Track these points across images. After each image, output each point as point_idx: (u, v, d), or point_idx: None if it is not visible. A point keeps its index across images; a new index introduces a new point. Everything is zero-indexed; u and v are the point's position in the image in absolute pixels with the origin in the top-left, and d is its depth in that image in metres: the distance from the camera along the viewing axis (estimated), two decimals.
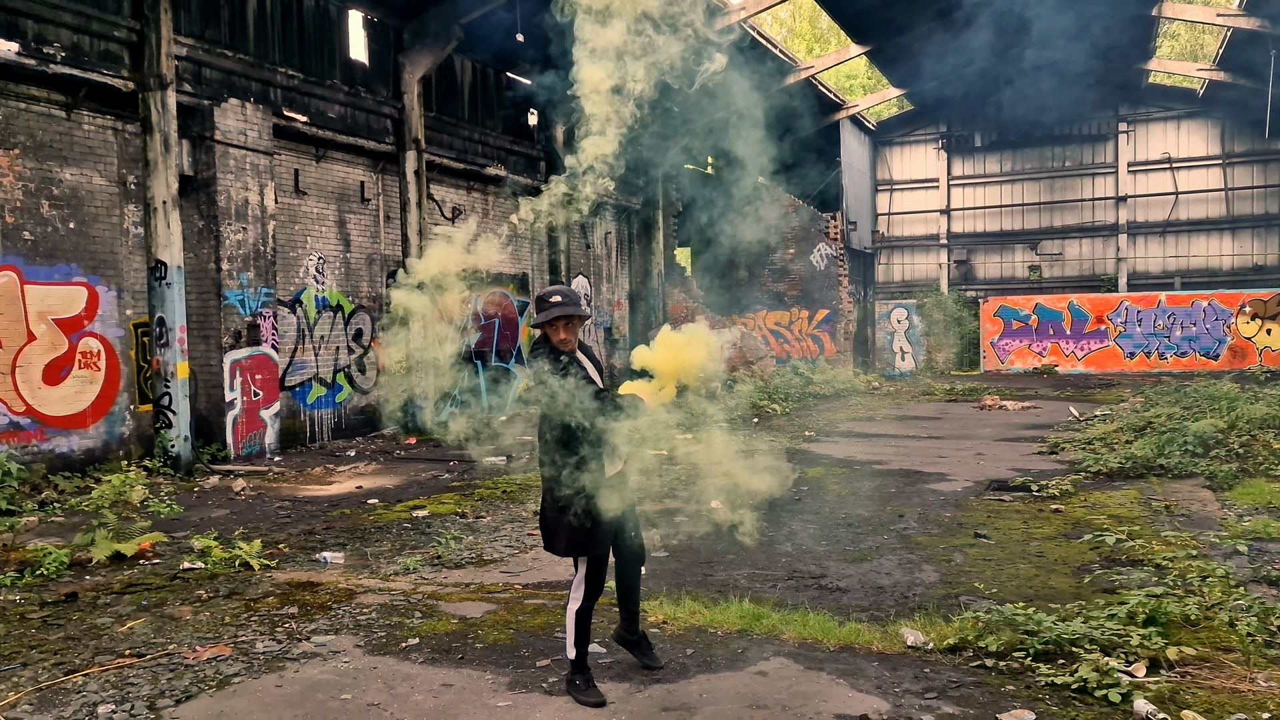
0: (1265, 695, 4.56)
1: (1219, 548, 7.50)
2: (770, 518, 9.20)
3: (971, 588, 6.70)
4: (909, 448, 14.13)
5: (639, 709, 4.67)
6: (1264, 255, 28.37)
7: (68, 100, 11.86)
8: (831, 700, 4.70)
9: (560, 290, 4.85)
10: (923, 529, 8.67)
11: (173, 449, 12.50)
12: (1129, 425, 14.06)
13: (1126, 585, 6.37)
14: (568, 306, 4.74)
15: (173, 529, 9.13)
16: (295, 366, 15.31)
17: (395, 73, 17.29)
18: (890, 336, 31.77)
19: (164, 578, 7.35)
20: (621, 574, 5.08)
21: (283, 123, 14.72)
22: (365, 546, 8.40)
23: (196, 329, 13.36)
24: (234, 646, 5.67)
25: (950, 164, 32.09)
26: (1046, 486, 10.25)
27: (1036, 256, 31.01)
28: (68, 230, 11.90)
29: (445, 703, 4.80)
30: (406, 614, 6.26)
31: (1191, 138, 29.17)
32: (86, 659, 5.54)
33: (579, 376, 4.63)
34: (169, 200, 12.59)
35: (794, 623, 5.79)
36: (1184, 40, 36.04)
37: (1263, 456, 11.22)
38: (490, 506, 10.12)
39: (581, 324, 4.83)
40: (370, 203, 16.92)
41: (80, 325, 12.03)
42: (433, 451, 14.70)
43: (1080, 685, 4.68)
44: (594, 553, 4.79)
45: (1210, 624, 5.45)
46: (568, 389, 4.52)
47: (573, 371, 4.63)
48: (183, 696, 4.93)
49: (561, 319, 4.73)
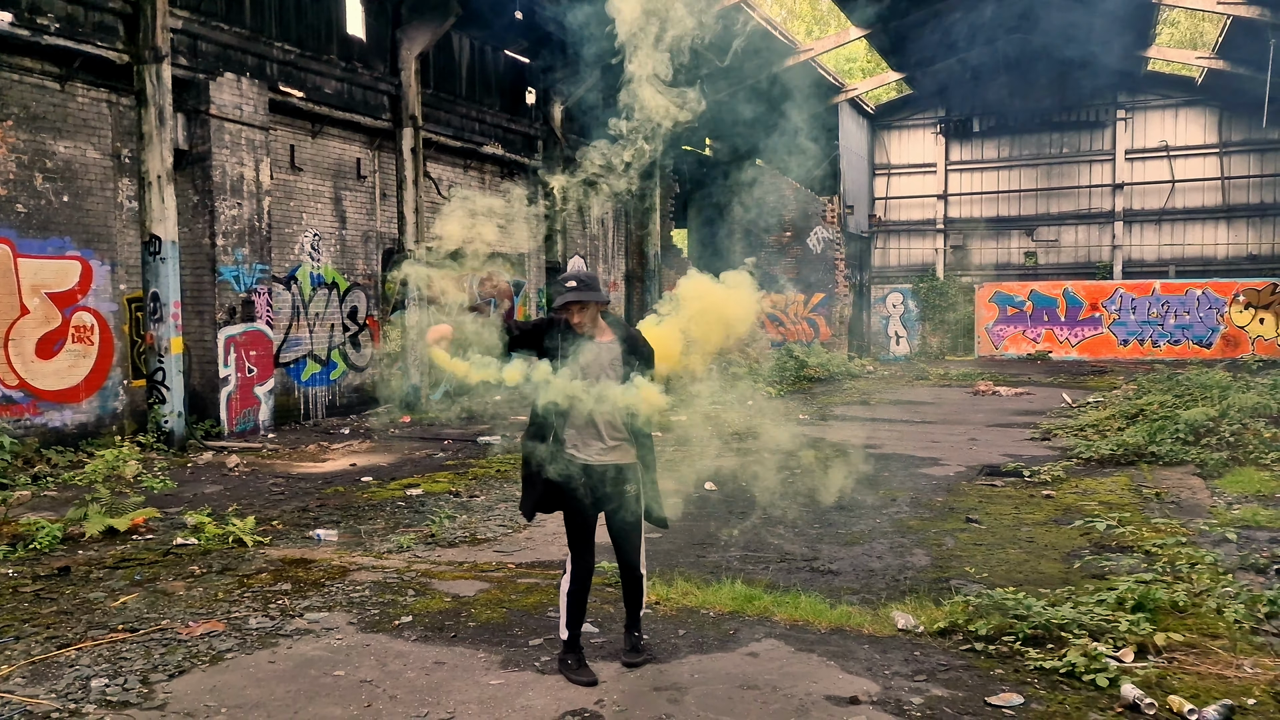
0: (1251, 681, 4.60)
1: (1208, 535, 7.55)
2: (763, 500, 9.23)
3: (962, 572, 6.74)
4: (902, 432, 14.17)
5: (630, 688, 4.70)
6: (1259, 245, 28.39)
7: (62, 72, 11.76)
8: (822, 682, 4.74)
9: (574, 275, 4.88)
10: (914, 513, 8.71)
11: (166, 424, 12.48)
12: (1121, 412, 14.11)
13: (1116, 571, 6.41)
14: (577, 291, 4.77)
15: (166, 504, 9.14)
16: (290, 343, 15.28)
17: (393, 49, 17.17)
18: (886, 321, 31.81)
19: (157, 553, 7.36)
20: (617, 554, 5.07)
21: (279, 98, 14.62)
22: (359, 524, 8.42)
23: (191, 304, 13.32)
24: (227, 622, 5.69)
25: (948, 149, 32.00)
26: (1038, 472, 10.30)
27: (1032, 243, 31.00)
28: (61, 203, 11.83)
29: (437, 680, 4.83)
30: (399, 592, 6.28)
31: (1189, 126, 29.12)
32: (79, 633, 5.55)
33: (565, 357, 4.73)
34: (164, 174, 12.51)
35: (785, 605, 5.82)
36: (1183, 28, 35.92)
37: (1253, 445, 11.27)
38: (484, 485, 10.14)
39: (595, 308, 4.83)
40: (366, 180, 16.83)
41: (74, 299, 11.98)
42: (427, 430, 14.70)
43: (1068, 670, 4.72)
44: (525, 511, 4.98)
45: (1198, 611, 5.49)
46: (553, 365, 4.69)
47: (563, 350, 4.74)
48: (176, 671, 4.94)
49: (575, 304, 4.77)
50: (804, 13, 40.23)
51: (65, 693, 4.69)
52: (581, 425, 4.80)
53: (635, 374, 4.74)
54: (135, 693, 4.68)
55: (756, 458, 11.87)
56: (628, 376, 4.75)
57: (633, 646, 5.08)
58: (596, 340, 4.83)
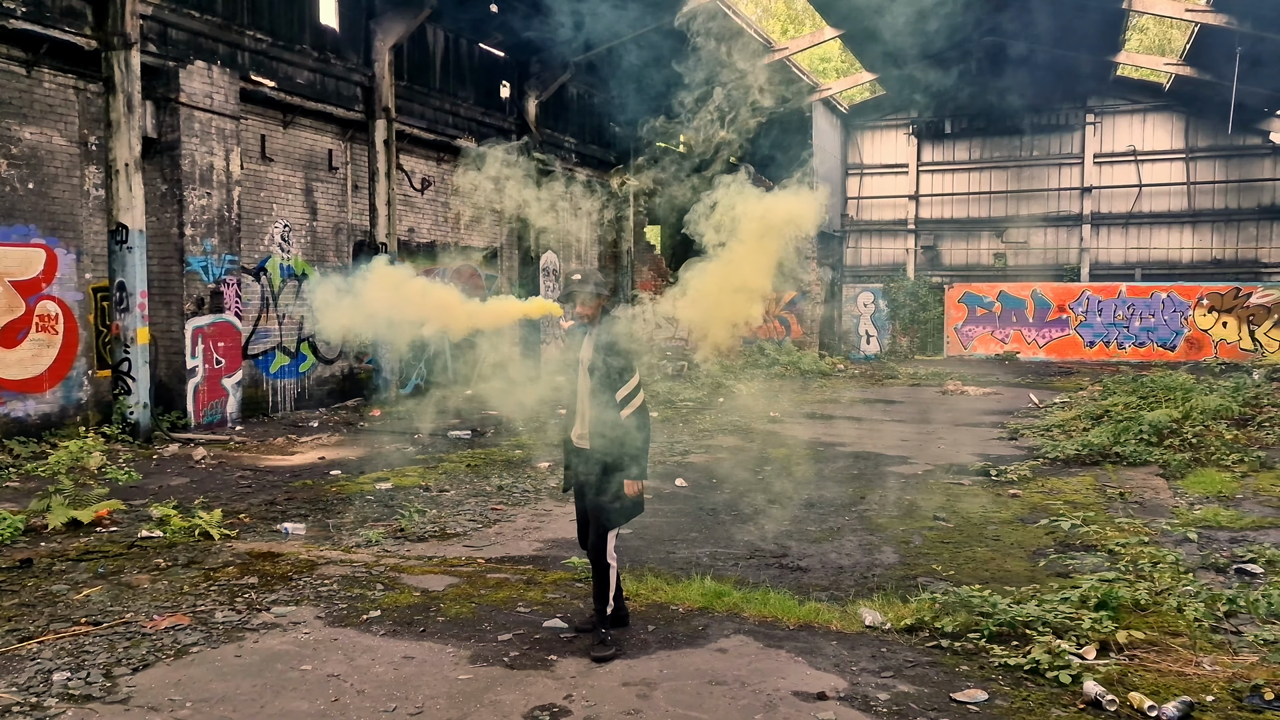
0: (1209, 679, 4.69)
1: (1170, 535, 7.68)
2: (733, 497, 9.27)
3: (929, 569, 6.81)
4: (872, 430, 14.28)
5: (599, 684, 4.71)
6: (1222, 249, 28.86)
7: (28, 57, 11.55)
8: (790, 678, 4.77)
9: (577, 270, 5.64)
10: (883, 511, 8.78)
11: (131, 415, 12.31)
12: (1087, 413, 14.31)
13: (1080, 570, 6.51)
14: (570, 285, 5.44)
15: (131, 497, 9.02)
16: (259, 335, 15.12)
17: (367, 39, 17.02)
18: (857, 320, 32.00)
19: (121, 545, 7.27)
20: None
21: (250, 87, 14.44)
22: (327, 518, 8.36)
23: (158, 294, 13.14)
24: (192, 616, 5.63)
25: (920, 150, 32.24)
26: (1005, 471, 10.41)
27: (1002, 244, 31.31)
28: (26, 190, 11.63)
29: (406, 675, 4.80)
30: (368, 586, 6.24)
31: (1156, 131, 29.52)
32: (42, 626, 5.47)
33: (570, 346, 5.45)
34: (131, 162, 12.33)
35: (754, 601, 5.86)
36: (1152, 34, 36.38)
37: (1214, 446, 11.48)
38: (454, 480, 10.10)
39: (590, 300, 5.37)
40: (338, 171, 16.69)
41: (38, 288, 11.79)
42: (397, 424, 14.61)
43: (1032, 666, 4.78)
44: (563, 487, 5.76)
45: (1159, 609, 5.59)
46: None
47: (566, 341, 5.51)
48: (140, 665, 4.89)
49: (575, 294, 5.40)
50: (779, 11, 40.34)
51: (27, 686, 4.62)
52: (577, 410, 5.35)
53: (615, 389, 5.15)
54: (98, 686, 4.62)
55: (727, 454, 11.92)
56: (607, 374, 5.14)
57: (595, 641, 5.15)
58: (593, 334, 5.35)
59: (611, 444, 5.11)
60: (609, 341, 5.22)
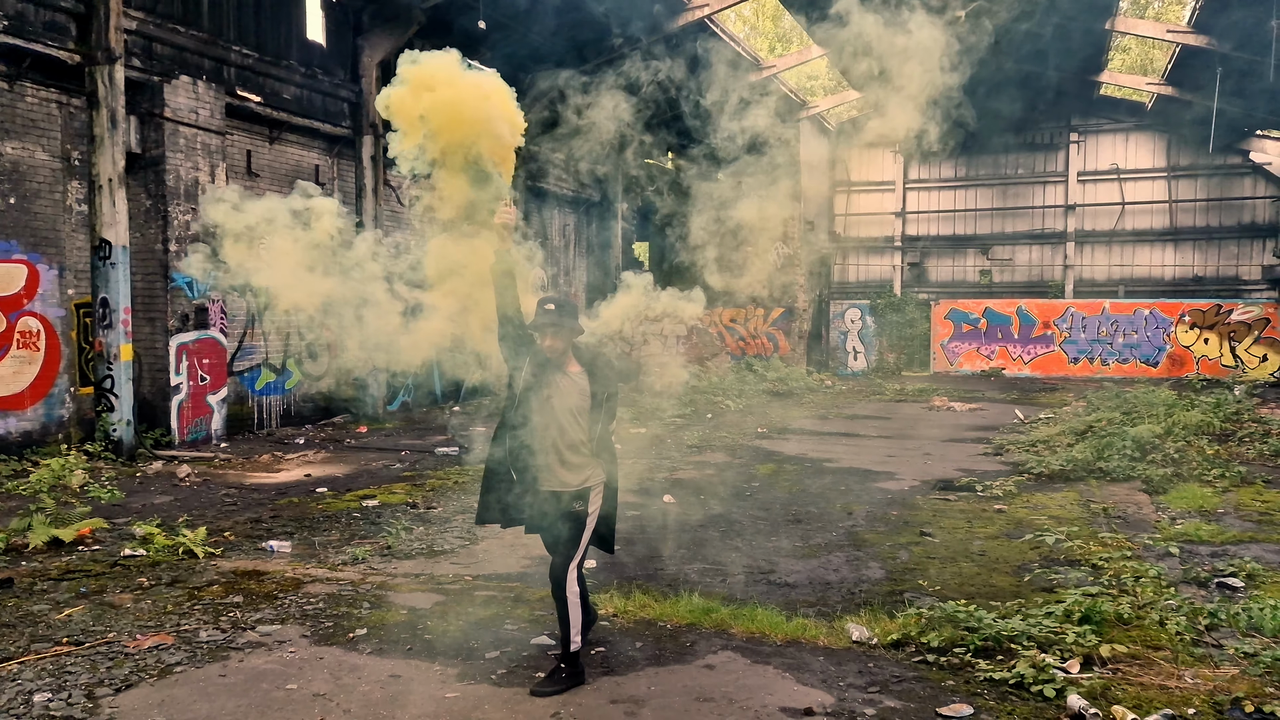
0: (1191, 691, 4.72)
1: (1152, 549, 7.73)
2: (721, 513, 9.27)
3: (916, 585, 6.82)
4: (859, 446, 14.32)
5: (587, 701, 4.69)
6: (1204, 267, 29.13)
7: (10, 71, 11.52)
8: (777, 693, 4.77)
9: (554, 298, 4.97)
10: (870, 526, 8.80)
11: (114, 433, 12.23)
12: (1071, 429, 14.38)
13: (1064, 584, 6.54)
14: (552, 315, 4.88)
15: (113, 515, 8.95)
16: (244, 352, 15.06)
17: (354, 55, 17.06)
18: (844, 336, 32.10)
19: (104, 564, 7.21)
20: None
21: (236, 102, 14.44)
22: (313, 535, 8.31)
23: (142, 311, 13.08)
24: (176, 635, 5.59)
25: (906, 168, 32.47)
26: (990, 487, 10.46)
27: (988, 261, 31.52)
28: (8, 205, 11.58)
29: (393, 693, 4.78)
30: (354, 604, 6.21)
31: (1139, 150, 29.83)
32: (22, 646, 5.42)
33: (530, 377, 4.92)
34: (115, 178, 12.29)
35: (742, 617, 5.86)
36: (1135, 54, 36.82)
37: (1196, 462, 11.56)
38: (442, 497, 10.06)
39: (565, 335, 4.91)
40: (325, 187, 16.67)
41: (19, 304, 11.72)
42: (384, 440, 14.56)
43: (1017, 680, 4.80)
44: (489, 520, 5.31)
45: (1142, 623, 5.62)
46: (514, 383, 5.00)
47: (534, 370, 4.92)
48: (122, 685, 4.85)
49: (550, 328, 4.89)
50: (767, 29, 40.66)
51: (7, 708, 4.57)
52: (540, 444, 4.92)
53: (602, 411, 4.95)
54: (80, 707, 4.58)
55: (714, 471, 11.93)
56: (597, 407, 4.92)
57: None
58: (565, 371, 4.95)
59: (609, 475, 5.09)
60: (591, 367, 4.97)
